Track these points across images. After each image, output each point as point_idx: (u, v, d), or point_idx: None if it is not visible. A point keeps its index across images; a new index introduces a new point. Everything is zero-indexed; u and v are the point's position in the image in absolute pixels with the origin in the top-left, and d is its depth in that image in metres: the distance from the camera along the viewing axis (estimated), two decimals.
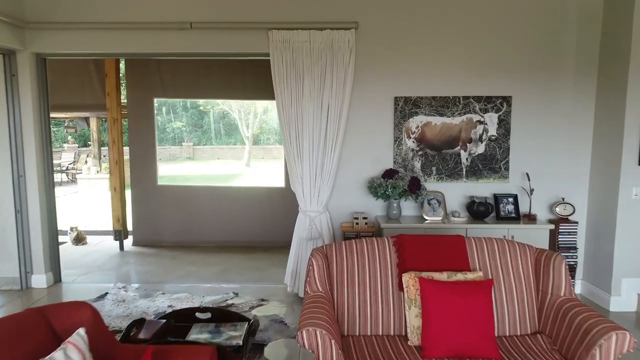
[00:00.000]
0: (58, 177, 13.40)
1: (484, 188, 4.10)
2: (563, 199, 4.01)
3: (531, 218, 3.93)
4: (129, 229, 6.00)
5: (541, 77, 3.99)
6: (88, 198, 10.70)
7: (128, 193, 5.92)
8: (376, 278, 2.60)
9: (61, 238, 6.37)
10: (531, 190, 3.98)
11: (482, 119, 4.02)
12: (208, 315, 2.66)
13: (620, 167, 3.66)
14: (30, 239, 4.26)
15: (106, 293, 4.15)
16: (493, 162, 4.06)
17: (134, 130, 5.74)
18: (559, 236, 3.93)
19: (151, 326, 2.46)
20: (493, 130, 4.03)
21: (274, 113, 3.86)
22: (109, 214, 5.95)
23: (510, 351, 2.31)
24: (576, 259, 3.95)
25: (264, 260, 5.29)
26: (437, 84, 4.01)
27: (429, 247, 2.67)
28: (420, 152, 4.07)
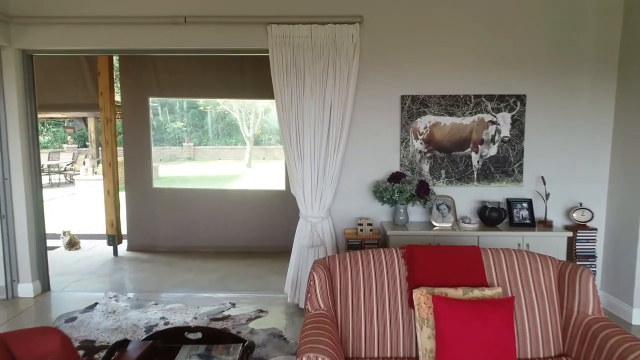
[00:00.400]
0: (56, 179, 13.20)
1: (496, 192, 3.86)
2: (581, 204, 3.77)
3: (547, 224, 3.68)
4: (124, 233, 5.77)
5: (557, 74, 3.75)
6: (85, 200, 10.49)
7: (123, 196, 5.70)
8: (384, 294, 2.36)
9: (54, 242, 6.19)
10: (547, 194, 3.74)
11: (495, 119, 3.78)
12: (199, 335, 2.43)
13: None
14: (16, 246, 4.04)
15: (96, 303, 3.93)
16: (506, 165, 3.82)
17: (129, 130, 5.51)
18: (577, 244, 3.68)
19: (135, 348, 2.23)
20: (506, 130, 3.79)
21: (275, 113, 3.62)
22: (104, 218, 5.72)
23: None
24: (595, 268, 3.71)
25: (263, 266, 5.06)
26: (447, 82, 3.78)
27: (442, 260, 2.44)
28: (428, 154, 3.84)
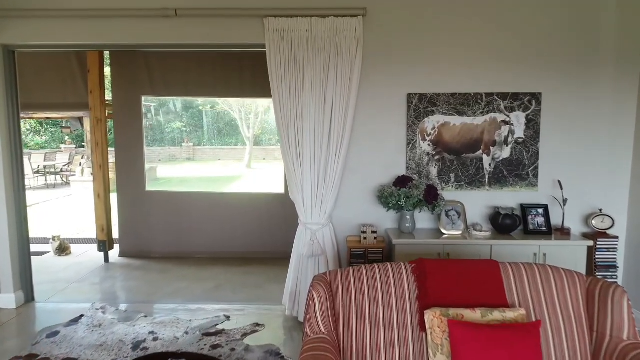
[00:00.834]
0: (52, 180, 12.97)
1: (510, 197, 3.60)
2: (600, 211, 3.51)
3: (564, 232, 3.43)
4: (116, 237, 5.52)
5: (575, 71, 3.49)
6: (79, 202, 10.24)
7: (115, 199, 5.45)
8: (392, 315, 2.11)
9: (44, 247, 5.95)
10: (564, 200, 3.48)
11: (508, 119, 3.53)
12: None
13: None
14: None
15: (81, 315, 3.67)
16: (520, 168, 3.57)
17: (120, 131, 5.27)
18: (597, 253, 3.43)
19: None
20: (520, 131, 3.53)
21: None
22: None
23: None
24: (616, 279, 3.45)
25: (261, 274, 4.80)
26: (457, 79, 3.52)
27: (456, 276, 2.18)
28: (436, 157, 3.58)
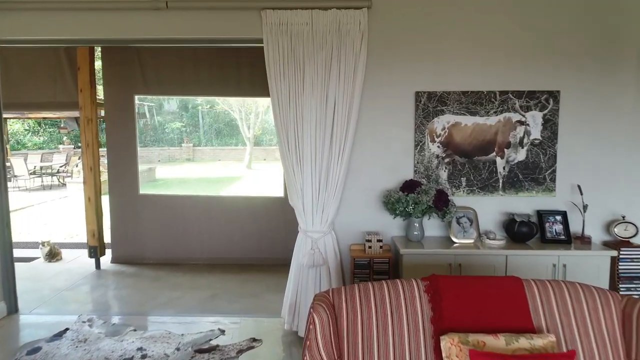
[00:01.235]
0: (48, 181, 12.75)
1: (525, 203, 3.36)
2: (623, 218, 3.26)
3: (585, 241, 3.18)
4: (108, 243, 5.28)
5: (596, 68, 3.24)
6: (75, 204, 10.00)
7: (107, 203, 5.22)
8: (402, 340, 1.87)
9: (34, 253, 5.72)
10: (584, 206, 3.24)
11: (524, 119, 3.28)
12: None
13: None
14: None
15: (66, 329, 3.44)
16: (536, 172, 3.32)
17: (112, 131, 5.03)
18: (619, 263, 3.18)
19: None
20: (537, 132, 3.29)
21: None
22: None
23: None
24: None
25: (259, 282, 4.56)
26: (469, 76, 3.28)
27: (475, 295, 1.94)
28: (447, 160, 3.34)
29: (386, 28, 3.25)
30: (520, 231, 3.16)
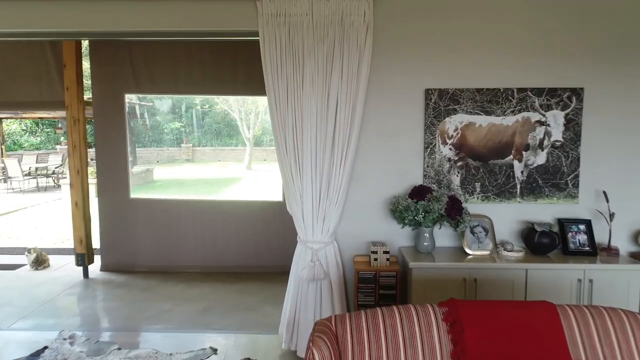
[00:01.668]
0: (43, 182, 12.49)
1: (545, 211, 3.07)
2: None
3: (612, 252, 2.90)
4: (97, 248, 5.01)
5: (624, 62, 2.96)
6: (68, 207, 9.73)
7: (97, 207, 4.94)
8: None
9: (21, 259, 5.45)
10: (610, 214, 2.95)
11: (544, 119, 3.00)
12: None
13: None
14: None
15: (45, 347, 3.16)
16: (557, 177, 3.04)
17: (101, 132, 4.75)
18: None
19: None
20: (558, 133, 3.01)
21: None
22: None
23: None
24: None
25: (256, 293, 4.28)
26: (484, 72, 2.99)
27: (502, 325, 1.66)
28: (459, 163, 3.06)
29: (393, 19, 2.97)
30: (541, 242, 2.87)
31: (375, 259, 2.93)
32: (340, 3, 2.84)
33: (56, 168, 12.88)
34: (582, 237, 2.96)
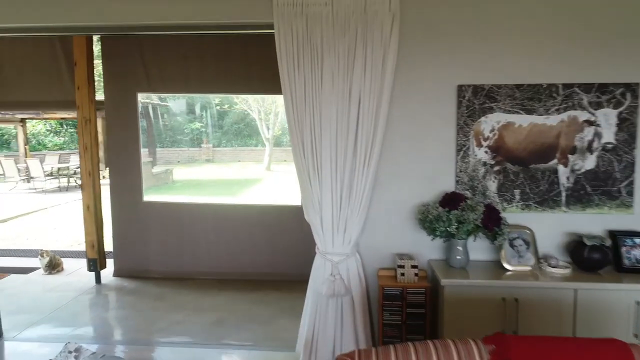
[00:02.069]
0: (65, 182, 12.58)
1: (594, 222, 2.73)
2: None
3: None
4: (110, 253, 4.86)
5: None
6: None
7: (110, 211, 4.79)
8: None
9: (34, 263, 5.35)
10: None
11: (593, 118, 2.66)
12: None
13: None
14: None
15: None
16: (609, 183, 2.69)
17: (113, 133, 4.60)
18: None
19: None
20: (610, 134, 2.66)
21: None
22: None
23: None
24: None
25: (273, 304, 4.04)
26: (524, 66, 2.67)
27: None
28: (496, 168, 2.74)
29: (422, 8, 2.68)
30: (591, 258, 2.54)
31: (402, 274, 2.64)
32: None
33: (77, 168, 12.97)
34: (639, 253, 2.61)
